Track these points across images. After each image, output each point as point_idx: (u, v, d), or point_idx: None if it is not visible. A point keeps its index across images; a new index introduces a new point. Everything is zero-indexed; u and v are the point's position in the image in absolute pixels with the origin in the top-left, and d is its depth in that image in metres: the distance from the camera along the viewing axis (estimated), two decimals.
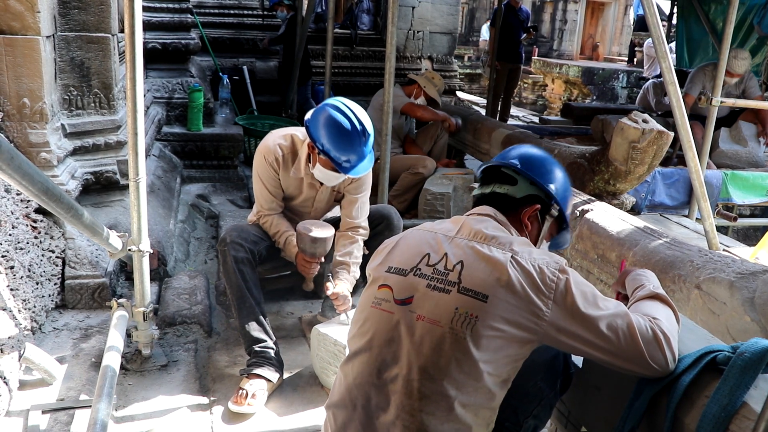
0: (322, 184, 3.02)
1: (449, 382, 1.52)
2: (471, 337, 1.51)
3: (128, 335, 2.79)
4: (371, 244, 3.15)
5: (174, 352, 2.98)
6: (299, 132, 2.97)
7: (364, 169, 2.83)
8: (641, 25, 16.15)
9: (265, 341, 2.78)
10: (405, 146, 5.44)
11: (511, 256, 1.58)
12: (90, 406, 2.22)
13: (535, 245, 1.77)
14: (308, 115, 2.81)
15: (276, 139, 2.97)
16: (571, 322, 1.54)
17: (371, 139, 2.79)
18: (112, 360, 2.39)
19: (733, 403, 1.41)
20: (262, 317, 2.82)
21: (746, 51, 6.05)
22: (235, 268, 2.80)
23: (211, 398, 2.67)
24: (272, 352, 2.77)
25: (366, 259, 3.08)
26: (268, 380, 2.69)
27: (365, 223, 3.15)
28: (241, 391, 2.61)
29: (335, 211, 3.34)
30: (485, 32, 17.43)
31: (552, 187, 1.85)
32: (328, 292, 2.89)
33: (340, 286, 2.94)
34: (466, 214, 1.84)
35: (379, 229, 3.16)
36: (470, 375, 1.52)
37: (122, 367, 2.71)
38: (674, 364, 1.58)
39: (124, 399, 2.60)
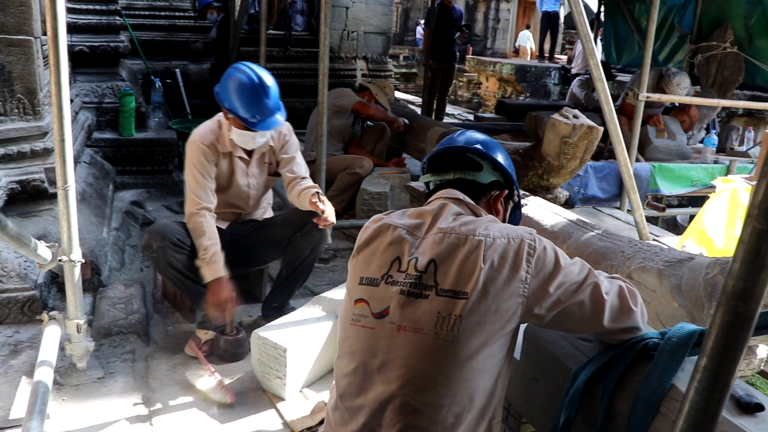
0: (250, 157, 3.12)
1: (441, 390, 1.45)
2: (458, 338, 1.45)
3: (62, 349, 2.69)
4: (300, 245, 3.13)
5: (111, 363, 2.90)
6: (222, 115, 3.10)
7: (273, 124, 2.96)
8: (548, 22, 16.73)
9: None
10: (348, 149, 5.43)
11: (485, 239, 1.52)
12: (20, 425, 2.14)
13: None
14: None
15: (204, 126, 3.10)
16: (551, 284, 1.51)
17: (274, 93, 2.92)
18: (44, 375, 2.30)
19: (663, 386, 1.47)
20: None
21: (687, 79, 6.28)
22: (168, 267, 2.94)
23: (151, 408, 2.61)
24: None
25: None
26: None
27: (308, 177, 3.23)
28: (196, 340, 3.03)
29: (269, 197, 3.44)
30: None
31: (510, 171, 1.81)
32: (320, 206, 2.92)
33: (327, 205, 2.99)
34: (429, 202, 1.75)
35: (307, 229, 3.11)
36: (462, 378, 1.46)
37: (56, 382, 2.63)
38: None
39: (59, 415, 2.51)
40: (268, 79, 2.90)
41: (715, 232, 3.98)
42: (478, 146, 1.77)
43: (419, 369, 1.47)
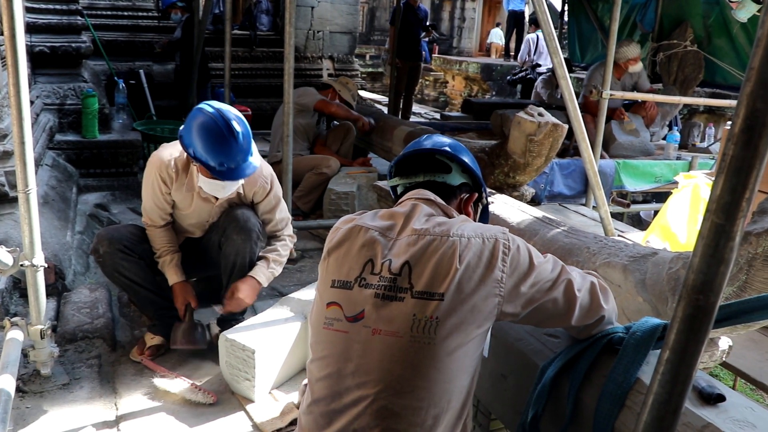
0: (217, 198, 2.92)
1: (419, 393, 1.44)
2: (435, 339, 1.44)
3: (25, 355, 2.64)
4: (225, 251, 2.95)
5: (76, 369, 2.85)
6: None
7: (244, 173, 2.70)
8: (514, 21, 16.92)
9: (163, 312, 3.02)
10: (314, 148, 5.41)
11: (459, 239, 1.52)
12: None
13: None
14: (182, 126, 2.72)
15: (171, 151, 2.88)
16: (526, 283, 1.53)
17: (245, 141, 2.64)
18: (6, 383, 2.26)
19: (628, 380, 1.49)
20: (159, 298, 3.02)
21: (632, 41, 6.47)
22: (114, 273, 2.91)
23: (118, 414, 2.57)
24: (170, 318, 3.01)
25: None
26: (166, 339, 2.99)
27: (289, 231, 3.10)
28: (141, 344, 2.98)
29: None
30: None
31: (478, 173, 1.82)
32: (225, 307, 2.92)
33: (246, 283, 2.89)
34: (399, 203, 1.74)
35: (227, 233, 2.93)
36: (439, 379, 1.45)
37: (19, 390, 2.57)
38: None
39: (22, 424, 2.46)
40: (237, 123, 2.60)
41: (678, 227, 4.05)
42: (447, 148, 1.78)
43: (396, 372, 1.46)
